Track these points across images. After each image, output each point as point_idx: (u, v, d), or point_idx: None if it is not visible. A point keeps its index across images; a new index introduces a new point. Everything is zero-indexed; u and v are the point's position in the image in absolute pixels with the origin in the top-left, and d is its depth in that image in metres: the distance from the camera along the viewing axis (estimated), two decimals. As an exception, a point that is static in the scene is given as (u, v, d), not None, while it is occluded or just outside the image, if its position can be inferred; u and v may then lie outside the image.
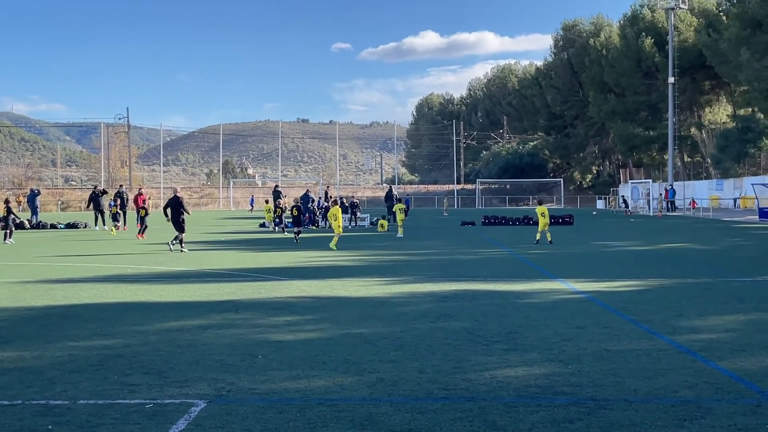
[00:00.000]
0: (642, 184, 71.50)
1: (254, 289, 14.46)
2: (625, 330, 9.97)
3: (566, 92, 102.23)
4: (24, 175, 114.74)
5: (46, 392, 7.01)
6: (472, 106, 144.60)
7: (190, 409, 6.41)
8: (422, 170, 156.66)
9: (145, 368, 7.92)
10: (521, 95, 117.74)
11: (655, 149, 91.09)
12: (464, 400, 6.69)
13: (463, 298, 13.07)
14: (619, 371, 7.67)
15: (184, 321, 10.83)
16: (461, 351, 8.69)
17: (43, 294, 13.84)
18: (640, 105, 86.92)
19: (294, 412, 6.34)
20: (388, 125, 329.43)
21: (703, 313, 11.32)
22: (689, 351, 8.63)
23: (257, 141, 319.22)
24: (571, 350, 8.69)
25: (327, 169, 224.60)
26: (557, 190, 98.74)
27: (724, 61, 69.19)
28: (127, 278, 16.46)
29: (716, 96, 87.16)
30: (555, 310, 11.62)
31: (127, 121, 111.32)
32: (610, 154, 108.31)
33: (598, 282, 15.18)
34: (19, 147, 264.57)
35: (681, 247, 25.04)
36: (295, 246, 26.41)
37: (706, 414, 6.23)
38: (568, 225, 40.68)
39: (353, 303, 12.57)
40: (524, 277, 16.30)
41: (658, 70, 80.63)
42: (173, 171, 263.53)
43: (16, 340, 9.47)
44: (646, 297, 13.11)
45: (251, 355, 8.54)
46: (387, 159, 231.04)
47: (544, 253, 22.50)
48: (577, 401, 6.59)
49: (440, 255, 22.45)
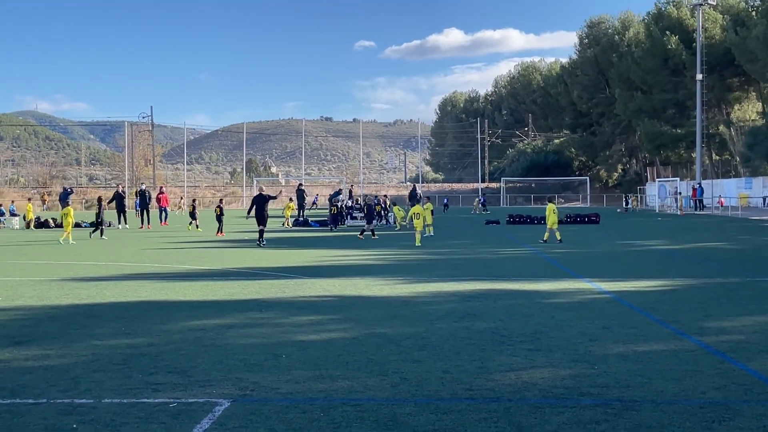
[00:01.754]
0: (669, 183, 70.86)
1: (278, 288, 14.46)
2: (651, 330, 9.85)
3: (592, 90, 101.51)
4: (48, 174, 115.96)
5: (71, 391, 7.03)
6: (497, 104, 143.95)
7: (214, 409, 6.40)
8: (446, 168, 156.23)
9: (169, 367, 7.93)
10: (546, 93, 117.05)
11: (682, 147, 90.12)
12: (489, 400, 6.62)
13: (487, 297, 12.99)
14: (646, 372, 7.57)
15: (208, 320, 10.85)
16: (486, 351, 8.62)
17: (68, 293, 13.93)
18: (667, 102, 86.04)
19: (317, 411, 6.32)
20: (412, 123, 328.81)
21: (732, 314, 11.17)
22: (717, 352, 8.51)
23: (280, 139, 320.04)
24: (597, 351, 8.60)
25: (350, 167, 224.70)
26: (583, 189, 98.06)
27: (752, 59, 68.37)
28: (151, 277, 16.53)
29: (745, 93, 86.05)
30: (581, 310, 11.52)
31: (151, 119, 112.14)
32: (637, 152, 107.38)
33: (624, 282, 15.03)
34: (43, 146, 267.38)
35: (709, 247, 24.76)
36: (317, 244, 26.43)
37: (734, 416, 6.13)
38: (594, 224, 40.40)
39: (377, 302, 12.53)
40: (549, 276, 16.19)
41: (685, 67, 79.81)
42: (197, 169, 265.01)
43: (40, 339, 9.52)
44: (673, 297, 12.96)
45: (275, 354, 8.52)
46: (411, 157, 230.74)
47: (569, 253, 22.35)
48: (604, 402, 6.51)
49: (465, 254, 22.36)
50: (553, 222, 26.54)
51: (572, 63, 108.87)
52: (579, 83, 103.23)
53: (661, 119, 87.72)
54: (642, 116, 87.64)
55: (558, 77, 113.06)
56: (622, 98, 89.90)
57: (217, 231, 32.69)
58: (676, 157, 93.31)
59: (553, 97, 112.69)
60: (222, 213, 33.99)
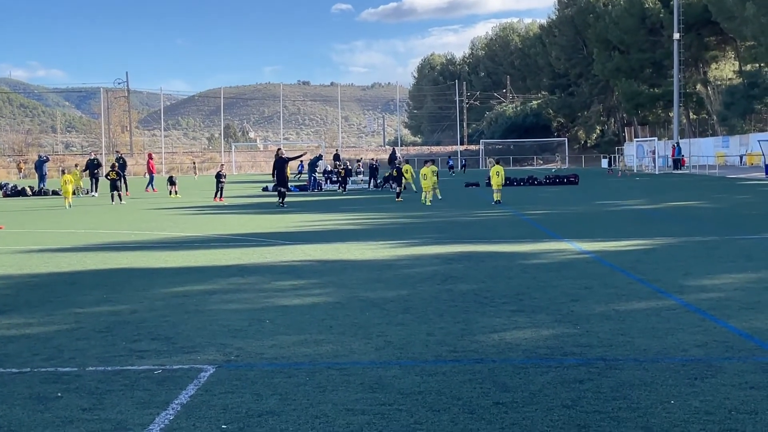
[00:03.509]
0: (647, 143, 71.13)
1: (259, 253, 14.42)
2: (632, 289, 9.93)
3: (570, 50, 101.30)
4: (24, 142, 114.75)
5: (54, 359, 6.99)
6: (474, 66, 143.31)
7: (199, 375, 6.39)
8: (425, 131, 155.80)
9: (152, 334, 7.90)
10: (524, 54, 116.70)
11: (660, 107, 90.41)
12: (473, 362, 6.66)
13: (469, 259, 13.03)
14: (629, 331, 7.63)
15: (190, 286, 10.81)
16: (469, 313, 8.66)
17: (48, 261, 13.82)
18: (645, 62, 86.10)
19: (303, 376, 6.32)
20: (390, 86, 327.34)
21: (712, 272, 11.28)
22: (698, 310, 8.59)
23: (258, 104, 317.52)
24: (580, 310, 8.66)
25: (329, 131, 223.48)
26: (561, 150, 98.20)
27: (729, 16, 68.38)
28: (131, 244, 16.44)
29: (722, 52, 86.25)
30: (562, 271, 11.58)
31: (127, 85, 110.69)
32: (615, 113, 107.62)
33: (605, 242, 15.12)
34: (18, 113, 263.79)
35: (687, 206, 24.95)
36: (298, 209, 26.37)
37: (716, 372, 6.20)
38: (573, 185, 40.55)
39: (359, 266, 12.54)
40: (530, 237, 16.25)
41: (662, 26, 79.79)
42: (174, 135, 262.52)
43: (22, 308, 9.45)
44: (653, 256, 13.05)
45: (258, 320, 8.51)
46: (389, 121, 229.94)
47: (549, 214, 22.44)
48: (587, 361, 6.56)
49: (445, 217, 22.39)
50: (498, 184, 27.31)
51: (550, 23, 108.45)
52: (557, 44, 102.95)
53: (639, 79, 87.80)
54: (620, 76, 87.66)
55: (536, 38, 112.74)
56: (600, 58, 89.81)
57: (217, 196, 32.14)
58: (654, 116, 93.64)
59: (531, 58, 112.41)
60: (223, 177, 33.13)
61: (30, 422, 5.34)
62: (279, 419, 5.30)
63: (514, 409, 5.42)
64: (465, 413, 5.36)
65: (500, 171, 27.53)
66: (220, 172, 33.02)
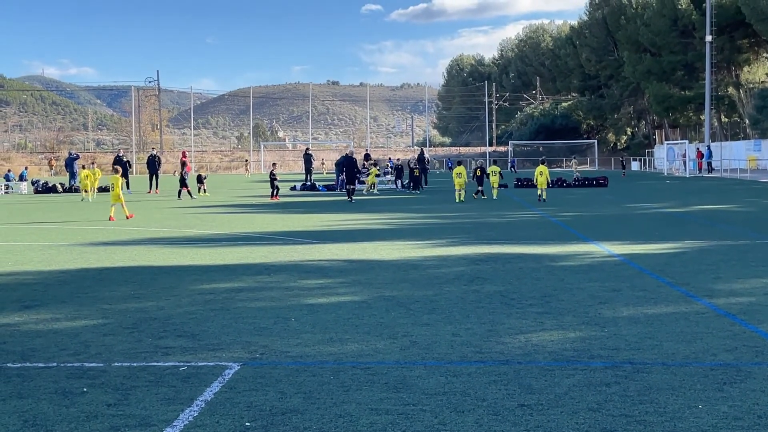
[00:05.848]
0: (677, 145, 70.41)
1: (286, 252, 14.45)
2: (661, 293, 9.81)
3: (601, 52, 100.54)
4: (56, 139, 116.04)
5: (81, 354, 7.04)
6: (504, 68, 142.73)
7: (224, 372, 6.41)
8: (454, 132, 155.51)
9: (178, 331, 7.93)
10: (554, 55, 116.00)
11: (691, 109, 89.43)
12: (499, 363, 6.61)
13: (496, 261, 12.96)
14: (657, 334, 7.54)
15: (217, 284, 10.85)
16: (495, 314, 8.60)
17: (77, 257, 13.95)
18: (676, 64, 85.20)
19: (327, 375, 6.31)
20: (419, 87, 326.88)
21: (742, 276, 11.12)
22: (728, 314, 8.47)
23: (287, 104, 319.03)
24: (607, 313, 8.57)
25: (357, 131, 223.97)
26: (591, 152, 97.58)
27: (763, 18, 67.50)
28: (160, 241, 16.55)
29: (755, 54, 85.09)
30: (590, 273, 11.48)
31: (158, 84, 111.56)
32: (645, 115, 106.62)
33: (634, 244, 14.97)
34: (50, 111, 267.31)
35: (718, 209, 24.65)
36: (325, 209, 26.41)
37: (746, 377, 6.10)
38: (602, 187, 40.25)
39: (386, 266, 12.52)
40: (558, 239, 16.14)
41: (694, 28, 78.93)
42: (204, 134, 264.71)
43: (50, 303, 9.54)
44: (683, 259, 12.90)
45: (284, 318, 8.52)
46: (418, 121, 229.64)
47: (578, 216, 22.28)
48: (614, 365, 6.49)
49: (473, 218, 22.31)
50: (542, 182, 28.41)
51: (581, 25, 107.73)
52: (587, 45, 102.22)
53: (670, 81, 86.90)
54: (651, 78, 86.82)
55: (566, 39, 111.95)
56: (631, 60, 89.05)
57: (273, 195, 32.48)
58: (685, 119, 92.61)
59: (562, 60, 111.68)
60: (275, 177, 33.25)
61: (55, 417, 5.38)
62: (303, 417, 5.29)
63: (539, 411, 5.37)
64: (489, 414, 5.31)
65: (544, 171, 28.62)
66: (273, 172, 33.31)
